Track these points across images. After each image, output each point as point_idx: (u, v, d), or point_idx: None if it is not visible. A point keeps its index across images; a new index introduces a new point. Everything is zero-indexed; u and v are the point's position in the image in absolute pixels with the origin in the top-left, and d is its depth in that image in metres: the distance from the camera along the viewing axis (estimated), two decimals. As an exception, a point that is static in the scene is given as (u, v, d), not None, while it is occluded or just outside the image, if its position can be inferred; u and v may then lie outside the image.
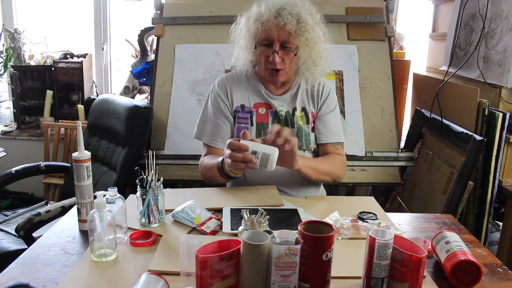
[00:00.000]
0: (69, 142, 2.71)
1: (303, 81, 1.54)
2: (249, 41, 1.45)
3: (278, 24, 1.36)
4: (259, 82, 1.53)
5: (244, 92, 1.53)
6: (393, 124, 2.28)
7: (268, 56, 1.40)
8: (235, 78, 1.56)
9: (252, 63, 1.52)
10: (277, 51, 1.38)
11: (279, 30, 1.37)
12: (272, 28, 1.37)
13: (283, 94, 1.53)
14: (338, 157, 1.53)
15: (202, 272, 0.79)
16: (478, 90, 1.81)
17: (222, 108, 1.52)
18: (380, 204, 1.38)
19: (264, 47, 1.41)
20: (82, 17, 3.09)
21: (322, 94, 1.54)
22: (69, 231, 1.16)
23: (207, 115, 1.55)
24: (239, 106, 1.52)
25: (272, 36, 1.38)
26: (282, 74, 1.44)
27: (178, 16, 2.37)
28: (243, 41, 1.47)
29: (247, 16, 1.45)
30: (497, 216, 2.13)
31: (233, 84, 1.54)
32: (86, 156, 1.13)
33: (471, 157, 1.73)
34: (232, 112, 1.53)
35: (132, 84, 2.80)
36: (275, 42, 1.38)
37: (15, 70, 2.84)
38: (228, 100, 1.53)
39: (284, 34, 1.37)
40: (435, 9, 2.63)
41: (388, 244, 0.85)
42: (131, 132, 2.03)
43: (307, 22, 1.38)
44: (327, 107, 1.54)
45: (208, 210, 1.23)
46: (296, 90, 1.53)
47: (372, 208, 1.32)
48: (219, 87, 1.54)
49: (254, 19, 1.41)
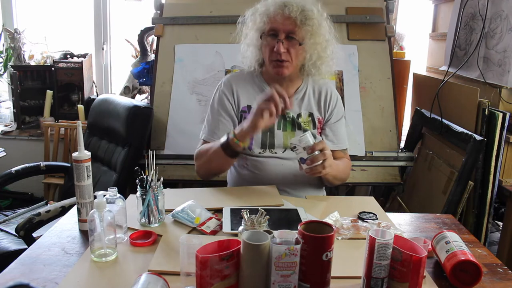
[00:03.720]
0: (69, 142, 2.71)
1: (309, 85, 1.54)
2: (255, 36, 1.44)
3: (283, 14, 1.36)
4: (265, 83, 1.53)
5: (251, 92, 1.52)
6: (393, 124, 2.28)
7: (273, 46, 1.39)
8: (241, 78, 1.55)
9: (258, 61, 1.51)
10: (282, 40, 1.37)
11: (285, 20, 1.36)
12: (278, 18, 1.37)
13: (289, 98, 1.52)
14: (346, 160, 1.57)
15: (202, 272, 0.79)
16: (478, 90, 1.81)
17: (226, 106, 1.51)
18: (380, 204, 1.38)
19: (270, 38, 1.40)
20: (82, 17, 3.10)
21: (330, 103, 1.54)
22: (69, 231, 1.16)
23: (211, 114, 1.53)
24: (246, 107, 1.51)
25: (277, 26, 1.37)
26: (288, 66, 1.41)
27: (178, 16, 2.37)
28: (249, 36, 1.47)
29: (254, 10, 1.45)
30: (497, 216, 2.12)
31: (239, 84, 1.53)
32: (86, 156, 1.13)
33: (471, 157, 1.73)
34: (238, 112, 1.52)
35: (132, 84, 2.80)
36: (280, 32, 1.38)
37: (15, 70, 2.84)
38: (234, 100, 1.52)
39: (289, 23, 1.37)
40: (435, 9, 2.63)
41: (388, 244, 0.85)
42: (131, 132, 2.03)
43: (312, 13, 1.39)
44: (336, 116, 1.55)
45: (208, 210, 1.23)
46: (303, 95, 1.53)
47: (372, 208, 1.32)
48: (225, 86, 1.53)
49: (261, 12, 1.41)
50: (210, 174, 1.50)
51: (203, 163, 1.47)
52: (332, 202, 1.38)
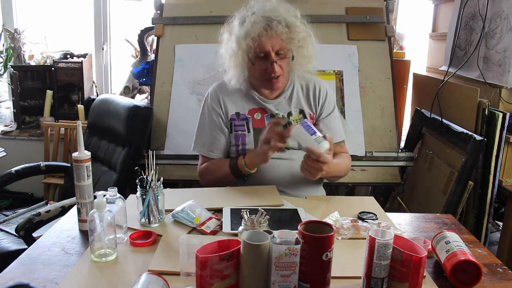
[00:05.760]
0: (69, 142, 2.71)
1: (296, 82, 1.54)
2: (242, 59, 1.42)
3: (270, 36, 1.36)
4: (251, 88, 1.52)
5: (238, 99, 1.53)
6: (393, 124, 2.28)
7: (265, 68, 1.40)
8: (226, 87, 1.54)
9: (246, 80, 1.50)
10: (275, 61, 1.38)
11: (272, 40, 1.37)
12: (266, 41, 1.36)
13: (277, 98, 1.52)
14: (344, 155, 1.57)
15: (202, 272, 0.79)
16: (478, 90, 1.81)
17: (215, 121, 1.52)
18: (380, 204, 1.38)
19: (260, 60, 1.40)
20: (82, 17, 3.09)
21: (319, 97, 1.54)
22: (69, 231, 1.16)
23: (203, 127, 1.55)
24: (234, 114, 1.52)
25: (267, 48, 1.37)
26: (281, 79, 1.44)
27: (178, 16, 2.37)
28: (234, 59, 1.44)
29: (235, 36, 1.42)
30: (497, 216, 2.12)
31: (225, 93, 1.53)
32: (86, 156, 1.14)
33: (471, 157, 1.73)
34: (228, 122, 1.53)
35: (132, 84, 2.80)
36: (270, 53, 1.38)
37: (15, 70, 2.84)
38: (222, 111, 1.52)
39: (277, 43, 1.37)
40: (435, 9, 2.62)
41: (388, 244, 0.85)
42: (131, 132, 2.03)
43: (295, 25, 1.39)
44: (327, 110, 1.55)
45: (208, 210, 1.23)
46: (291, 92, 1.53)
47: (372, 208, 1.32)
48: (211, 99, 1.54)
49: (243, 37, 1.38)
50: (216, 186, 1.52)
51: (209, 182, 1.52)
52: (332, 202, 1.38)
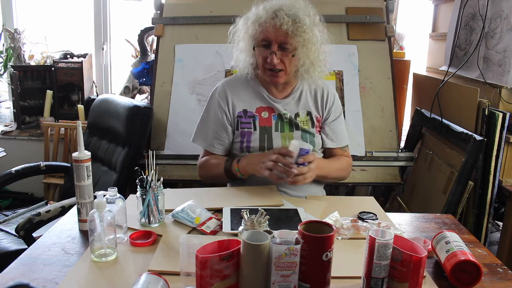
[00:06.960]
0: (69, 142, 2.71)
1: (305, 84, 1.54)
2: (248, 43, 1.45)
3: (275, 25, 1.36)
4: (261, 85, 1.53)
5: (246, 96, 1.53)
6: (393, 124, 2.28)
7: (266, 57, 1.40)
8: (236, 83, 1.55)
9: (252, 66, 1.51)
10: (275, 52, 1.38)
11: (276, 31, 1.37)
12: (270, 29, 1.37)
13: (286, 98, 1.53)
14: (345, 158, 1.59)
15: (202, 272, 0.79)
16: (478, 90, 1.81)
17: (219, 117, 1.52)
18: (380, 204, 1.38)
19: (263, 48, 1.41)
20: (82, 17, 3.09)
21: (327, 101, 1.55)
22: (69, 231, 1.16)
23: (207, 121, 1.55)
24: (242, 111, 1.52)
25: (269, 37, 1.38)
26: (282, 75, 1.44)
27: (178, 16, 2.37)
28: (242, 43, 1.47)
29: (246, 18, 1.45)
30: (497, 216, 2.12)
31: (234, 90, 1.54)
32: (86, 156, 1.14)
33: (471, 157, 1.73)
34: (234, 119, 1.53)
35: (132, 84, 2.80)
36: (273, 43, 1.38)
37: (15, 70, 2.84)
38: (229, 108, 1.52)
39: (281, 35, 1.37)
40: (435, 9, 2.62)
41: (388, 244, 0.85)
42: (131, 132, 2.03)
43: (304, 23, 1.38)
44: (334, 114, 1.56)
45: (208, 210, 1.23)
46: (299, 94, 1.54)
47: (372, 208, 1.32)
48: (219, 95, 1.54)
49: (253, 20, 1.41)
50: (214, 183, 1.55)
51: (206, 176, 1.57)
52: (332, 202, 1.38)
